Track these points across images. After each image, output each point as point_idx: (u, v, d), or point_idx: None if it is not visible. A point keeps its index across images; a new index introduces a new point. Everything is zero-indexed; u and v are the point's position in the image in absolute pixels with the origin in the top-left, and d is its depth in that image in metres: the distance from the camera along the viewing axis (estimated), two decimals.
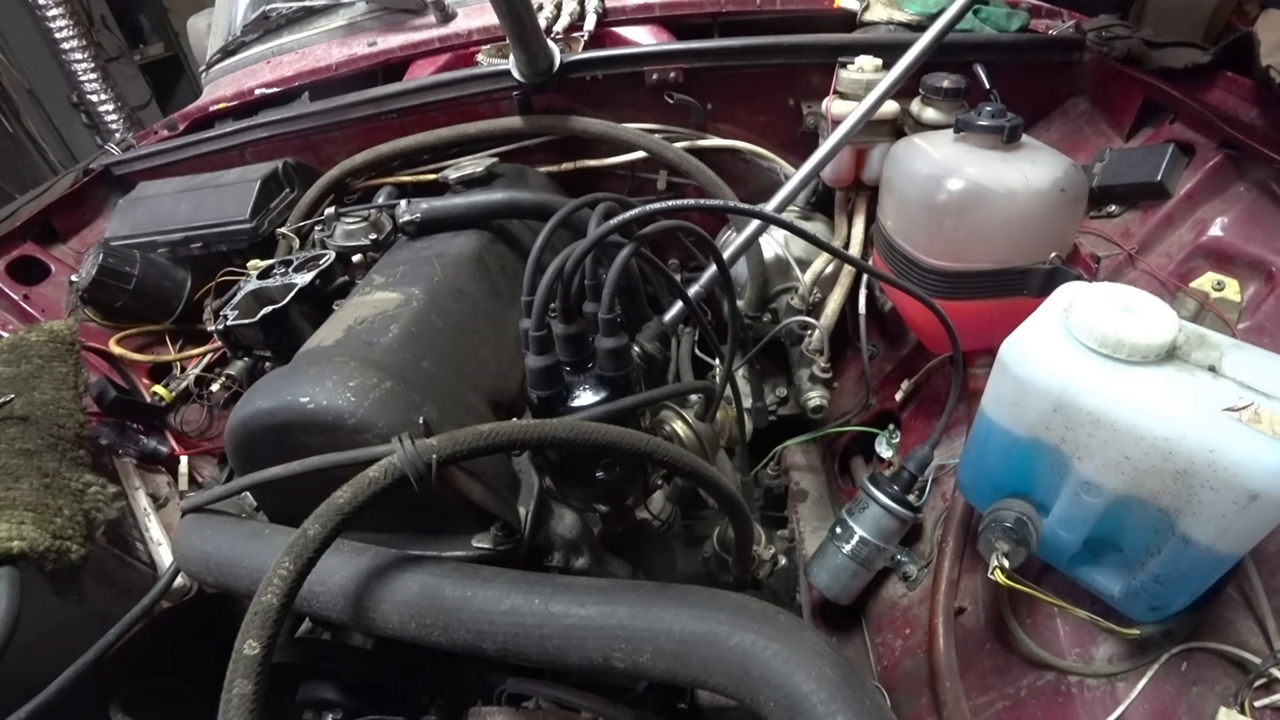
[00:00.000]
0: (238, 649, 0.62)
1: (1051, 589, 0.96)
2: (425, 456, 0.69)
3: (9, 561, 0.89)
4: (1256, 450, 0.70)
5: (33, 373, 1.17)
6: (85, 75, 4.29)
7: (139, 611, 1.07)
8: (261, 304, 1.25)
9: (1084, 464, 0.83)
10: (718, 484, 0.85)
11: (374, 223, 1.40)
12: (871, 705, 0.64)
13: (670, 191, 1.70)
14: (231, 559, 0.89)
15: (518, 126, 1.58)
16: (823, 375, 1.54)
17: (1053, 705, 0.93)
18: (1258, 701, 0.78)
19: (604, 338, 0.82)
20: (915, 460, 1.20)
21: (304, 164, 1.67)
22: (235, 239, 1.51)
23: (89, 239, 1.66)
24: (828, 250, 1.17)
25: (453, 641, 0.76)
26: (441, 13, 1.80)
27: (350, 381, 0.89)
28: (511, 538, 0.91)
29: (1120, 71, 1.39)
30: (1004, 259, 1.18)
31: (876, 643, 1.27)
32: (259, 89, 1.87)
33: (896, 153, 1.28)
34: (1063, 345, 0.84)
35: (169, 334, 1.54)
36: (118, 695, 1.10)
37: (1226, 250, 1.11)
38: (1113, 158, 1.32)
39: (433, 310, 1.10)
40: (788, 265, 1.62)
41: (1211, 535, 0.75)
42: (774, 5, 1.75)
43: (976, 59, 1.48)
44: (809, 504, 1.55)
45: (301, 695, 0.97)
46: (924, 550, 1.27)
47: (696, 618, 0.71)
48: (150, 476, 1.32)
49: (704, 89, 1.59)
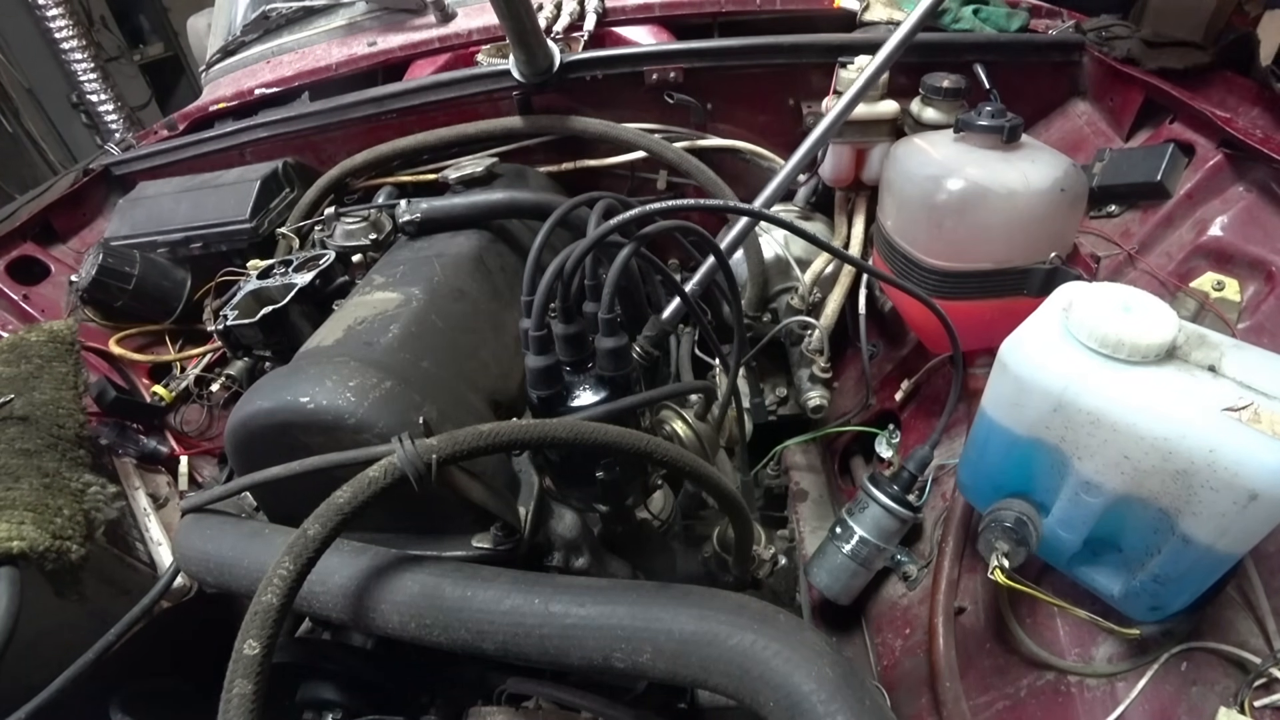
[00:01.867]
0: (238, 649, 0.62)
1: (1051, 589, 0.96)
2: (425, 456, 0.69)
3: (9, 561, 0.89)
4: (1256, 450, 0.70)
5: (33, 373, 1.17)
6: (85, 75, 4.28)
7: (139, 611, 1.07)
8: (261, 304, 1.25)
9: (1084, 464, 0.83)
10: (718, 484, 0.85)
11: (374, 223, 1.40)
12: (871, 705, 0.64)
13: (670, 191, 1.70)
14: (231, 559, 0.89)
15: (517, 126, 1.58)
16: (823, 375, 1.54)
17: (1052, 705, 0.93)
18: (1257, 701, 0.78)
19: (604, 337, 0.82)
20: (915, 460, 1.20)
21: (304, 164, 1.67)
22: (235, 239, 1.51)
23: (89, 239, 1.66)
24: (828, 250, 1.17)
25: (452, 641, 0.76)
26: (441, 12, 1.80)
27: (350, 381, 0.89)
28: (511, 538, 0.91)
29: (1120, 71, 1.39)
30: (1004, 259, 1.18)
31: (876, 642, 1.27)
32: (259, 89, 1.87)
33: (896, 153, 1.28)
34: (1063, 345, 0.84)
35: (169, 334, 1.54)
36: (118, 695, 1.10)
37: (1226, 250, 1.11)
38: (1112, 158, 1.32)
39: (433, 310, 1.10)
40: (788, 265, 1.62)
41: (1211, 535, 0.75)
42: (774, 5, 1.75)
43: (976, 59, 1.49)
44: (809, 504, 1.55)
45: (301, 695, 0.97)
46: (924, 550, 1.27)
47: (696, 618, 0.71)
48: (150, 476, 1.32)
49: (704, 89, 1.59)
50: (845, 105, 1.28)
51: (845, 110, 1.29)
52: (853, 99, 1.29)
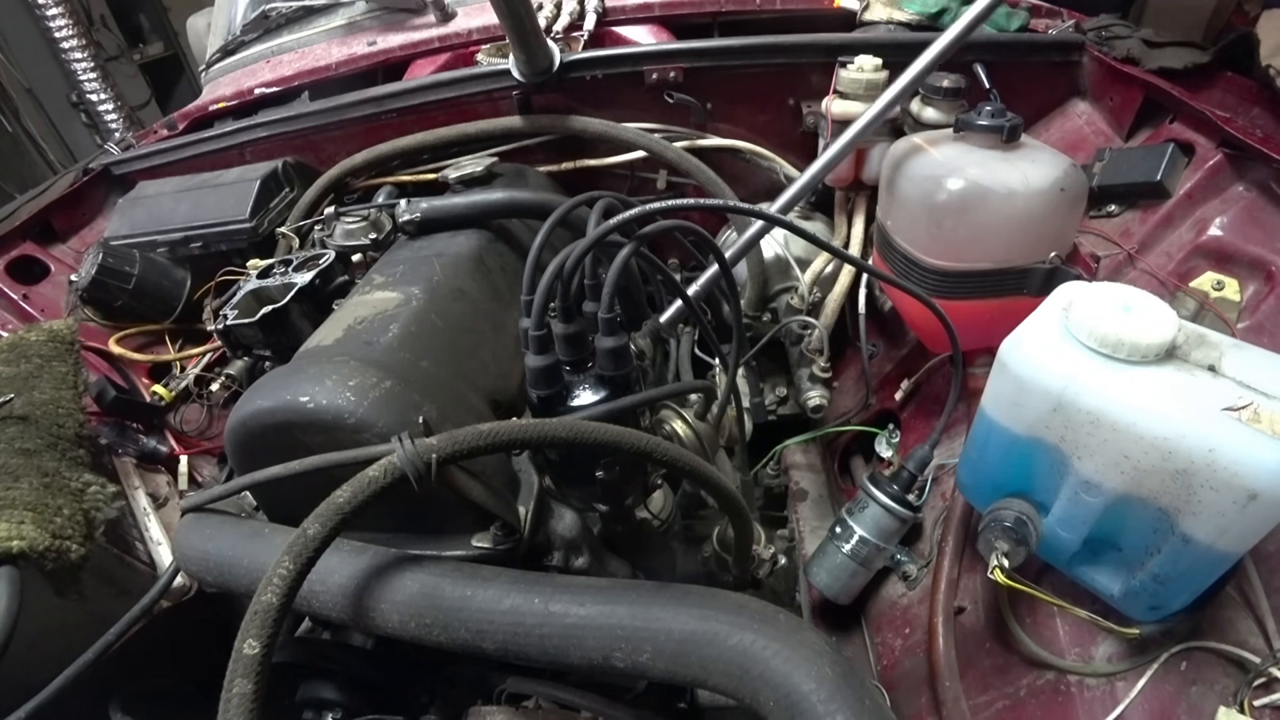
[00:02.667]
0: (237, 648, 0.62)
1: (1051, 588, 0.96)
2: (425, 456, 0.69)
3: (9, 561, 0.89)
4: (1256, 450, 0.70)
5: (32, 372, 1.17)
6: (85, 75, 4.28)
7: (139, 611, 1.07)
8: (261, 303, 1.25)
9: (1084, 463, 0.83)
10: (717, 483, 0.85)
11: (374, 222, 1.40)
12: (871, 705, 0.64)
13: (670, 191, 1.70)
14: (231, 558, 0.89)
15: (517, 126, 1.57)
16: (822, 375, 1.54)
17: (1052, 704, 0.93)
18: (1257, 701, 0.78)
19: (604, 337, 0.82)
20: (915, 460, 1.20)
21: (304, 163, 1.67)
22: (235, 238, 1.51)
23: (88, 239, 1.66)
24: (828, 250, 1.17)
25: (452, 641, 0.76)
26: (441, 12, 1.80)
27: (350, 381, 0.89)
28: (511, 537, 0.91)
29: (1120, 71, 1.39)
30: (1004, 258, 1.18)
31: (876, 642, 1.27)
32: (259, 88, 1.87)
33: (896, 152, 1.28)
34: (1062, 345, 0.84)
35: (169, 334, 1.54)
36: (118, 695, 1.10)
37: (1226, 250, 1.11)
38: (1112, 157, 1.32)
39: (432, 310, 1.10)
40: (787, 265, 1.62)
41: (1211, 534, 0.75)
42: (774, 5, 1.75)
43: (976, 59, 1.48)
44: (809, 503, 1.55)
45: (301, 695, 0.97)
46: (924, 550, 1.27)
47: (696, 617, 0.71)
48: (150, 476, 1.32)
49: (704, 88, 1.59)
50: (883, 107, 1.27)
51: (881, 114, 1.28)
52: (891, 101, 1.27)
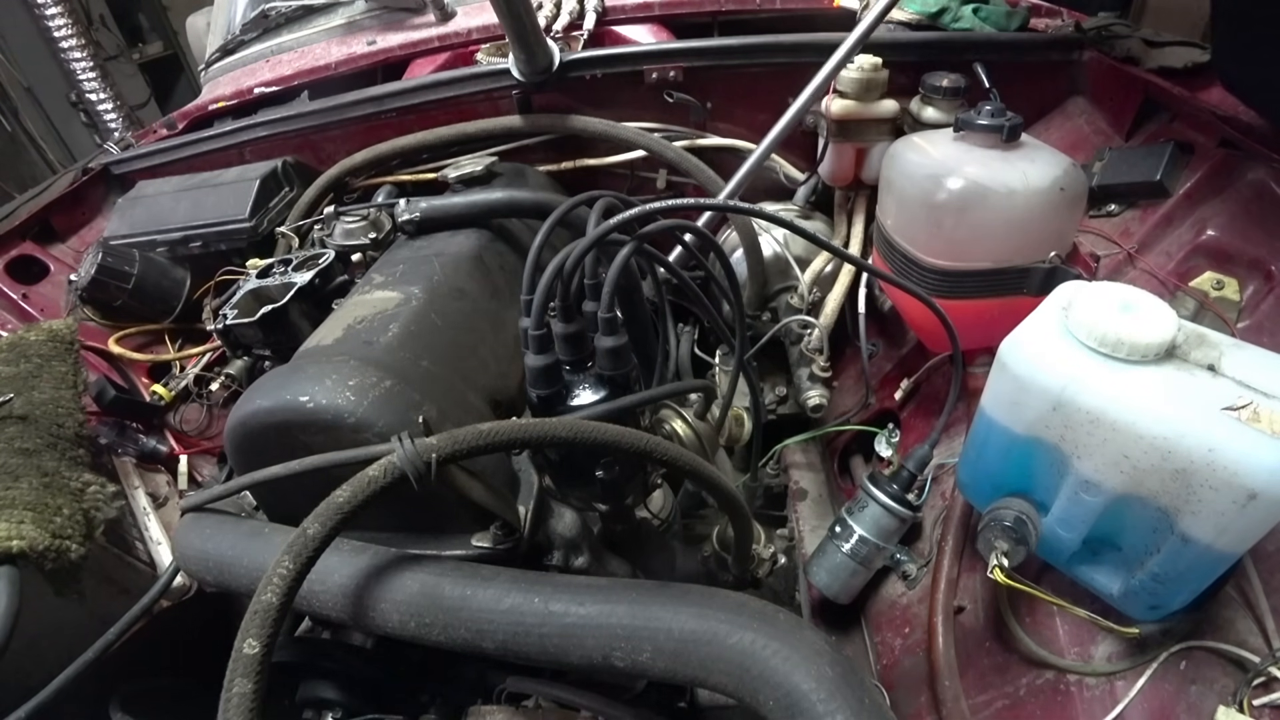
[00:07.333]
0: (237, 648, 0.62)
1: (1051, 588, 0.96)
2: (425, 455, 0.69)
3: (9, 561, 0.89)
4: (1256, 449, 0.70)
5: (32, 372, 1.17)
6: (84, 74, 4.28)
7: (139, 611, 1.07)
8: (261, 303, 1.25)
9: (1083, 463, 0.83)
10: (717, 483, 0.85)
11: (373, 222, 1.40)
12: (871, 704, 0.64)
13: (670, 190, 1.70)
14: (231, 558, 0.89)
15: (517, 125, 1.58)
16: (822, 374, 1.54)
17: (1052, 704, 0.93)
18: (1257, 700, 0.78)
19: (603, 336, 0.82)
20: (915, 459, 1.20)
21: (303, 163, 1.67)
22: (234, 238, 1.51)
23: (88, 238, 1.66)
24: (827, 249, 1.17)
25: (452, 640, 0.76)
26: (441, 11, 1.80)
27: (350, 380, 0.89)
28: (511, 536, 0.91)
29: (1120, 70, 1.39)
30: (1003, 258, 1.18)
31: (876, 641, 1.27)
32: (258, 88, 1.87)
33: (896, 152, 1.28)
34: (1062, 344, 0.84)
35: (168, 333, 1.54)
36: (118, 695, 1.10)
37: (1226, 249, 1.11)
38: (1112, 156, 1.32)
39: (432, 309, 1.10)
40: (787, 264, 1.62)
41: (1210, 534, 0.75)
42: (774, 4, 1.75)
43: (976, 58, 1.48)
44: (808, 503, 1.55)
45: (301, 694, 0.98)
46: (923, 549, 1.27)
47: (696, 616, 0.71)
48: (150, 476, 1.32)
49: (703, 88, 1.59)
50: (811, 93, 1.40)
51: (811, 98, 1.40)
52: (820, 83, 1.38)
